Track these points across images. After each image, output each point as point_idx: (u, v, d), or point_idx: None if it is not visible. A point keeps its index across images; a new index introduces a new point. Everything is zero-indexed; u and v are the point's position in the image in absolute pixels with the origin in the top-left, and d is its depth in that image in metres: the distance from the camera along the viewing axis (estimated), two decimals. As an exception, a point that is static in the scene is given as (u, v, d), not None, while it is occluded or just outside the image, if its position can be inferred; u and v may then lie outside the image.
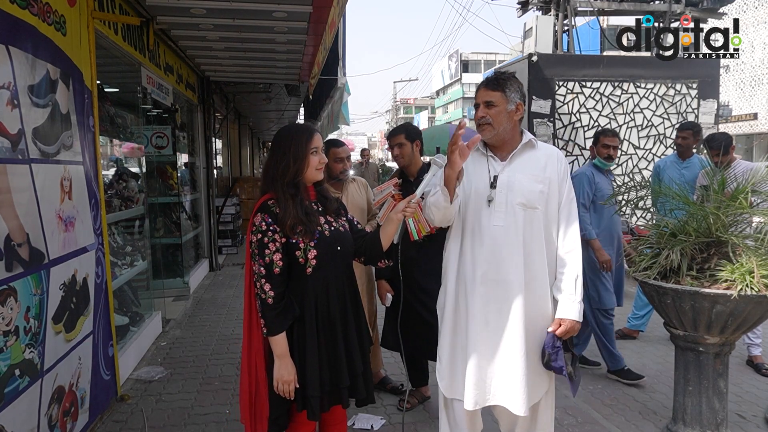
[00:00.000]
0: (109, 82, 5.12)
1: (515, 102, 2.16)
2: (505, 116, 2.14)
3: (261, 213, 1.95)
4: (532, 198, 2.13)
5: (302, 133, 2.02)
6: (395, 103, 63.09)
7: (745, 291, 2.40)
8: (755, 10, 21.41)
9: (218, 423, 3.22)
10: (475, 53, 47.05)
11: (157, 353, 4.45)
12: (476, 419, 2.30)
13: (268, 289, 1.91)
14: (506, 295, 2.11)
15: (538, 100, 7.52)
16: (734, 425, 3.12)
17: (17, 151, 2.32)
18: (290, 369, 1.94)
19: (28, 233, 2.37)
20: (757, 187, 2.78)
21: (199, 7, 4.28)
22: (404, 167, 3.24)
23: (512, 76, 2.21)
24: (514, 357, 2.10)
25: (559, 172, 2.19)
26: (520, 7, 12.67)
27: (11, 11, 2.31)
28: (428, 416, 3.24)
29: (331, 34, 5.04)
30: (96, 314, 3.14)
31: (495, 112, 2.13)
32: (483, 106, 2.16)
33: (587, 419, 3.22)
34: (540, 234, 2.14)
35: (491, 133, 2.16)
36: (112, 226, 4.32)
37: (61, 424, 2.66)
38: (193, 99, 7.18)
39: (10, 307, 2.20)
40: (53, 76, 2.70)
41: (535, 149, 2.22)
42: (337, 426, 2.19)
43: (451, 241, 2.26)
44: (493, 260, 2.12)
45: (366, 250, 2.12)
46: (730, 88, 22.47)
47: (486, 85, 2.18)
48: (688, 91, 7.83)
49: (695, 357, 2.71)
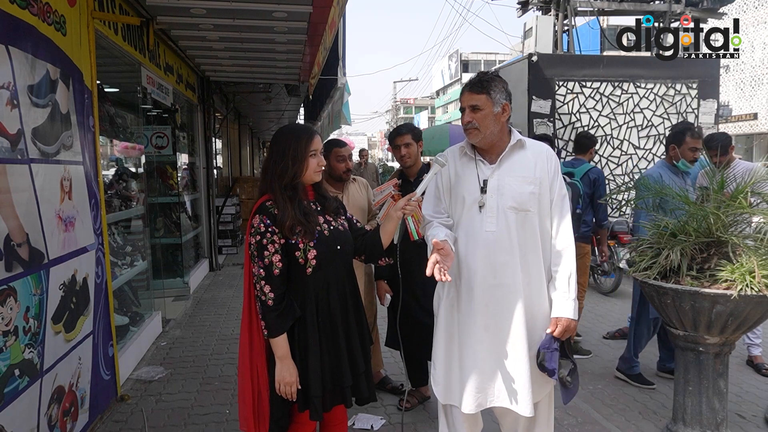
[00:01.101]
0: (109, 82, 5.11)
1: (501, 103, 2.12)
2: (491, 119, 2.11)
3: (259, 214, 1.94)
4: (523, 200, 2.11)
5: (302, 135, 2.01)
6: (395, 103, 63.09)
7: (745, 291, 2.40)
8: (755, 10, 21.41)
9: (218, 423, 3.22)
10: (475, 53, 47.02)
11: (157, 353, 4.45)
12: (476, 420, 2.30)
13: (268, 291, 1.90)
14: (504, 299, 2.10)
15: (538, 100, 7.52)
16: (734, 425, 3.12)
17: (16, 151, 2.32)
18: (292, 370, 1.93)
19: (27, 233, 2.37)
20: (757, 188, 2.78)
21: (199, 7, 4.28)
22: (408, 168, 3.25)
23: (496, 77, 2.16)
24: (517, 359, 2.09)
25: (549, 170, 2.16)
26: (520, 7, 12.65)
27: (11, 11, 2.31)
28: (428, 416, 3.24)
29: (331, 34, 5.04)
30: (96, 314, 3.14)
31: (481, 116, 2.10)
32: (469, 110, 2.13)
33: (587, 419, 3.22)
34: (534, 235, 2.13)
35: (479, 137, 2.13)
36: (112, 226, 4.32)
37: (61, 424, 2.66)
38: (193, 99, 7.18)
39: (10, 307, 2.20)
40: (53, 76, 2.70)
41: (524, 149, 2.19)
42: (338, 426, 2.19)
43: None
44: (488, 265, 2.10)
45: (366, 248, 2.12)
46: (730, 88, 22.47)
47: (470, 89, 2.14)
48: (688, 91, 7.83)
49: (695, 357, 2.71)
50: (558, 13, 11.37)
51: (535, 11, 12.38)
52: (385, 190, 3.11)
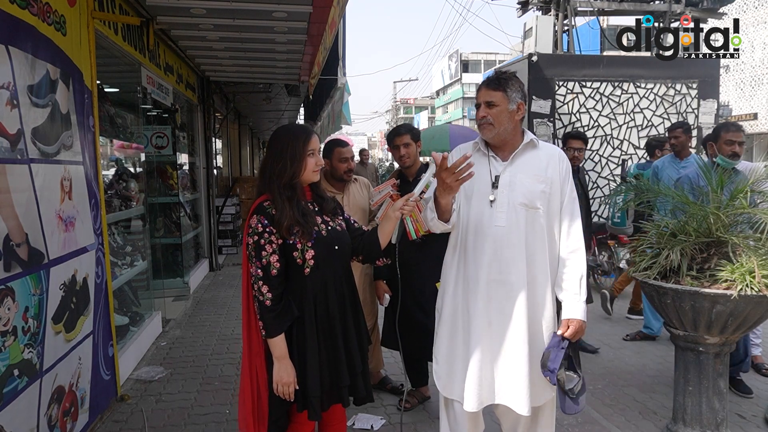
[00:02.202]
0: (109, 82, 5.11)
1: (516, 102, 2.15)
2: (506, 116, 2.14)
3: (257, 215, 1.94)
4: (533, 198, 2.12)
5: (299, 135, 2.01)
6: (395, 103, 63.10)
7: (745, 291, 2.40)
8: (755, 10, 21.40)
9: (218, 423, 3.22)
10: (475, 53, 47.03)
11: (157, 353, 4.45)
12: (478, 420, 2.29)
13: (266, 291, 1.90)
14: (509, 296, 2.10)
15: (538, 100, 7.52)
16: (734, 425, 3.12)
17: (16, 151, 2.32)
18: (289, 371, 1.93)
19: (27, 233, 2.37)
20: (756, 187, 2.78)
21: (199, 7, 4.28)
22: (407, 168, 3.24)
23: (513, 76, 2.20)
24: (518, 357, 2.10)
25: (561, 172, 2.18)
26: (520, 7, 12.66)
27: (11, 11, 2.31)
28: (428, 416, 3.23)
29: (331, 34, 5.04)
30: (96, 314, 3.14)
31: (496, 112, 2.13)
32: (484, 105, 2.16)
33: (587, 419, 3.22)
34: (542, 234, 2.14)
35: (492, 133, 2.15)
36: (112, 226, 4.32)
37: (60, 424, 2.66)
38: (193, 99, 7.18)
39: (8, 307, 2.19)
40: (53, 76, 2.70)
41: (537, 149, 2.21)
42: (336, 425, 2.20)
43: (452, 240, 2.25)
44: (495, 261, 2.11)
45: (364, 249, 2.12)
46: (730, 88, 22.46)
47: (487, 85, 2.17)
48: (688, 91, 7.83)
49: (695, 357, 2.71)
50: (558, 13, 11.38)
51: (535, 11, 12.40)
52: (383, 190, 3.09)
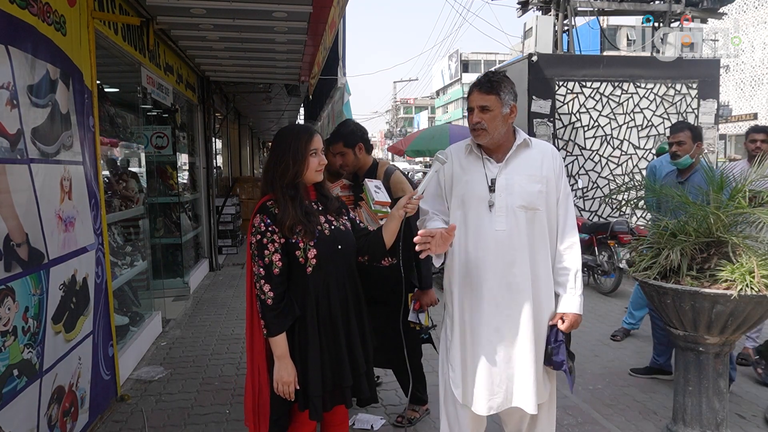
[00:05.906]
0: (109, 82, 5.11)
1: (510, 104, 2.11)
2: (500, 120, 2.10)
3: (260, 214, 1.96)
4: (532, 199, 2.11)
5: (302, 135, 2.02)
6: (395, 103, 63.10)
7: (745, 291, 2.40)
8: (755, 10, 21.41)
9: (218, 423, 3.22)
10: (475, 53, 47.01)
11: (157, 353, 4.45)
12: (482, 421, 2.28)
13: (268, 290, 1.91)
14: (515, 300, 2.10)
15: (538, 100, 7.52)
16: (734, 425, 3.12)
17: (16, 151, 2.32)
18: (290, 370, 1.93)
19: (27, 233, 2.37)
20: (755, 186, 2.78)
21: (199, 7, 4.29)
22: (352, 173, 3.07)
23: (505, 77, 2.16)
24: (525, 358, 2.10)
25: (555, 169, 2.17)
26: (520, 7, 12.65)
27: (11, 11, 2.31)
28: (428, 417, 3.23)
29: (331, 34, 5.04)
30: (96, 314, 3.14)
31: (490, 117, 2.09)
32: (478, 110, 2.11)
33: (587, 419, 3.22)
34: (543, 234, 2.13)
35: (486, 138, 2.12)
36: (112, 226, 4.32)
37: (60, 424, 2.66)
38: (193, 99, 7.18)
39: (8, 307, 2.19)
40: (53, 76, 2.70)
41: (530, 148, 2.19)
42: (338, 426, 2.19)
43: (453, 247, 2.19)
44: (499, 265, 2.10)
45: (369, 249, 2.11)
46: (730, 88, 22.47)
47: (480, 89, 2.12)
48: (688, 91, 7.84)
49: (695, 357, 2.71)
50: (558, 13, 11.37)
51: (535, 11, 12.38)
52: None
